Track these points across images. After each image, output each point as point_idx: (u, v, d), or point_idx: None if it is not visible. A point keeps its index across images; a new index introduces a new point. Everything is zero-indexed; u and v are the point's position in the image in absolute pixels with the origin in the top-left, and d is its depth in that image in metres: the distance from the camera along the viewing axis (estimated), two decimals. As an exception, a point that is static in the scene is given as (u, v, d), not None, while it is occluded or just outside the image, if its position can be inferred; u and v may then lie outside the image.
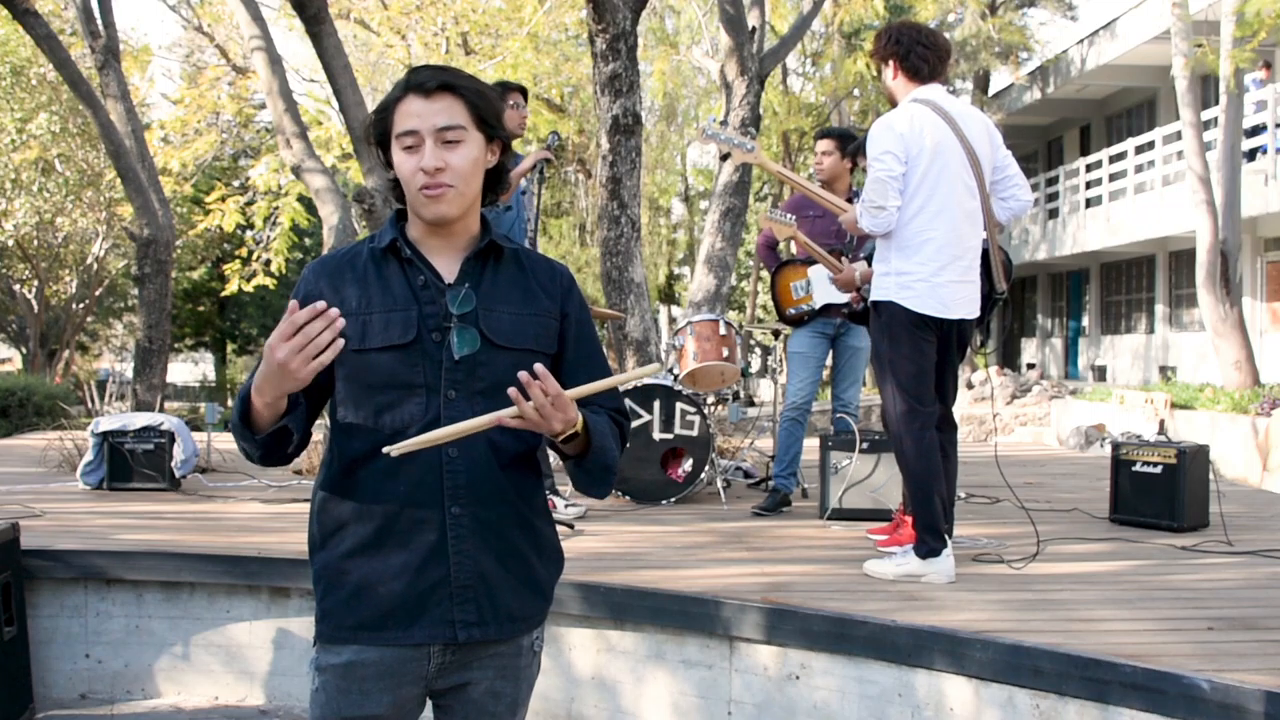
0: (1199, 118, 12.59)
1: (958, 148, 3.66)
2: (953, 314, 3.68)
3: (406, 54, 15.36)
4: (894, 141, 3.62)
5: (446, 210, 1.70)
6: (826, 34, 19.82)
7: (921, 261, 3.64)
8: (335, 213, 9.60)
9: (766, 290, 24.63)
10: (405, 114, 1.69)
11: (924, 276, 3.64)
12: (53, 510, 5.10)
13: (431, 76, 1.70)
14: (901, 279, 3.67)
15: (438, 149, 1.67)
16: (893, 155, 3.61)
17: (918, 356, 3.70)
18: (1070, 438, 11.44)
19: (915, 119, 3.65)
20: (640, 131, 7.58)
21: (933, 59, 3.73)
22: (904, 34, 3.76)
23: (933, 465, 3.73)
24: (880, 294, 3.74)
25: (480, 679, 1.77)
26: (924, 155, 3.62)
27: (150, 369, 11.00)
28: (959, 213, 3.67)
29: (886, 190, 3.61)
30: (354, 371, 1.70)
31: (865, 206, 3.67)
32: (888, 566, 3.82)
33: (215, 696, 4.15)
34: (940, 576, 3.73)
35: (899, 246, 3.69)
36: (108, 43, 11.03)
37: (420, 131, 1.68)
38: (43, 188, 17.78)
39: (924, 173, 3.62)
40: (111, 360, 29.51)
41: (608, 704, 3.71)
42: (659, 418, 5.44)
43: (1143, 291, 20.36)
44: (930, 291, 3.64)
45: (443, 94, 1.69)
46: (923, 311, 3.64)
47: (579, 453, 1.71)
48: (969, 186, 3.70)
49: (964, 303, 3.72)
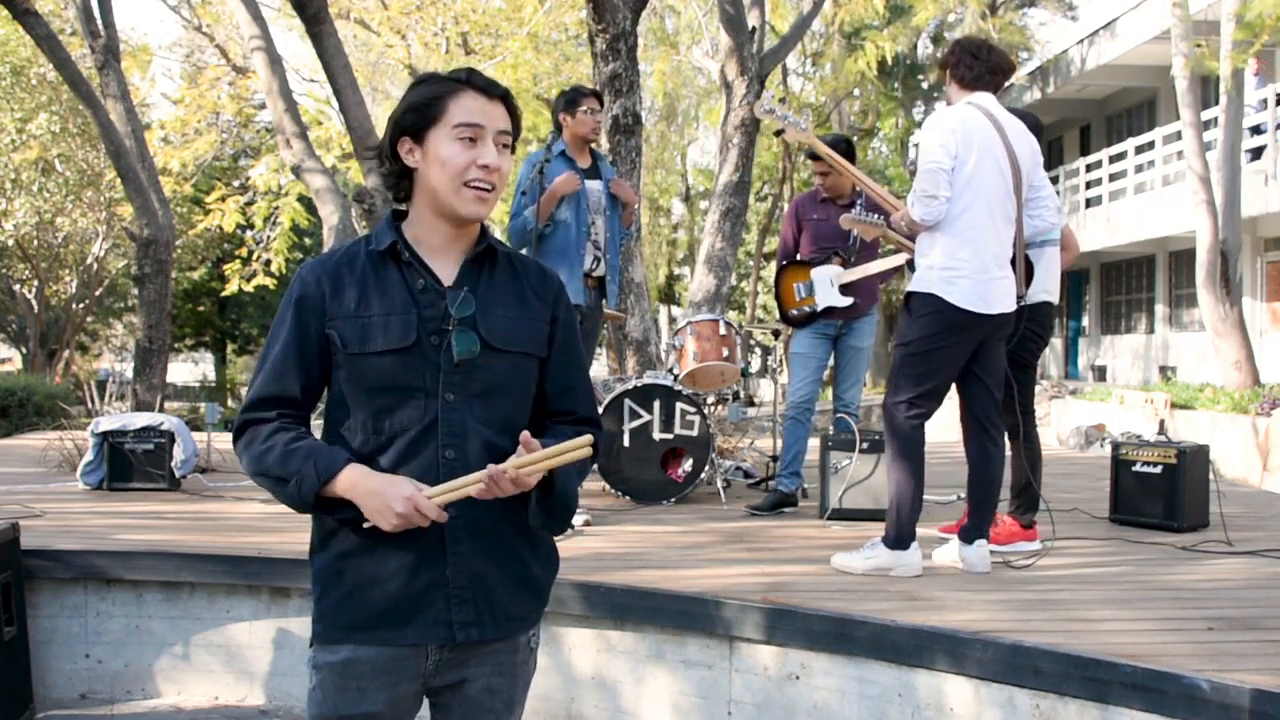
0: (1199, 118, 12.59)
1: (1003, 153, 3.75)
2: (994, 309, 3.73)
3: (406, 54, 15.36)
4: (946, 135, 3.70)
5: (485, 212, 1.72)
6: (826, 34, 19.84)
7: (966, 258, 3.69)
8: (335, 213, 9.61)
9: (767, 290, 24.65)
10: (467, 108, 1.70)
11: (968, 273, 3.69)
12: (53, 510, 5.10)
13: (494, 83, 1.74)
14: (945, 273, 3.71)
15: (496, 150, 1.70)
16: (943, 148, 3.68)
17: (935, 354, 3.74)
18: (1070, 438, 11.45)
19: (966, 118, 3.74)
20: (640, 131, 7.59)
21: (979, 68, 3.86)
22: (957, 46, 3.95)
23: (917, 457, 3.80)
24: (921, 285, 3.77)
25: (477, 676, 1.78)
26: (972, 153, 3.69)
27: (150, 369, 11.00)
28: (1000, 213, 3.74)
29: (938, 180, 3.68)
30: (353, 374, 1.71)
31: (917, 196, 3.73)
32: (856, 560, 3.87)
33: (215, 696, 4.15)
34: (908, 570, 3.77)
35: (944, 240, 3.74)
36: (108, 43, 11.03)
37: (485, 128, 1.69)
38: (43, 188, 17.77)
39: (972, 170, 3.69)
40: (111, 360, 29.50)
41: (608, 704, 3.71)
42: (659, 418, 5.43)
43: (1143, 291, 20.36)
44: (974, 288, 3.68)
45: (502, 103, 1.73)
46: (965, 306, 3.68)
47: (544, 491, 1.73)
48: (1009, 192, 3.78)
49: (1005, 298, 3.78)
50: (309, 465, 1.64)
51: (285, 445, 1.66)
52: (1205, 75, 12.91)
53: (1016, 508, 4.41)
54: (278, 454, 1.66)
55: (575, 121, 4.77)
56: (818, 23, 17.61)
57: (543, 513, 1.76)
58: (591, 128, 4.80)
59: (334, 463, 1.64)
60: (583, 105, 4.75)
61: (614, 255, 4.93)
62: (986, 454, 3.89)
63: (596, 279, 4.87)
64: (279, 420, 1.71)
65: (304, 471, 1.64)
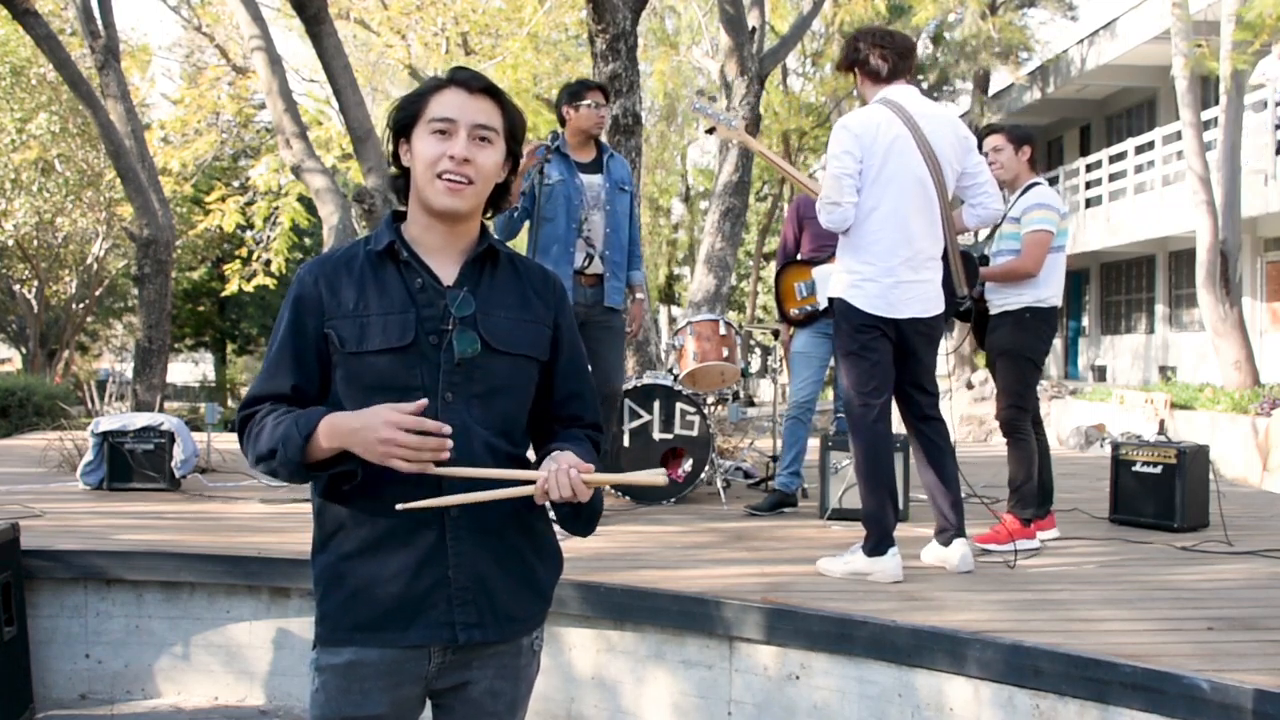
0: (1199, 118, 12.59)
1: (914, 149, 3.69)
2: (901, 314, 3.72)
3: (406, 54, 15.36)
4: (849, 140, 3.68)
5: (460, 205, 1.71)
6: (826, 34, 19.82)
7: (870, 261, 3.69)
8: (335, 213, 9.61)
9: (767, 290, 24.65)
10: (444, 103, 1.71)
11: (872, 276, 3.69)
12: (53, 510, 5.10)
13: (476, 77, 1.74)
14: (852, 277, 3.74)
15: (470, 143, 1.69)
16: (848, 154, 3.67)
17: (866, 353, 3.74)
18: (1070, 438, 11.45)
19: (871, 119, 3.70)
20: (640, 131, 7.58)
21: (891, 57, 3.78)
22: (859, 40, 3.85)
23: (882, 461, 3.79)
24: (834, 290, 3.82)
25: (480, 678, 1.77)
26: (877, 155, 3.66)
27: (150, 369, 11.00)
28: (913, 213, 3.70)
29: (842, 187, 3.67)
30: (351, 373, 1.71)
31: (821, 203, 3.74)
32: (836, 565, 3.86)
33: (215, 696, 4.15)
34: (885, 575, 3.75)
35: (852, 245, 3.76)
36: (108, 43, 11.03)
37: (458, 121, 1.70)
38: (43, 188, 17.78)
39: (877, 172, 3.67)
40: (111, 360, 29.49)
41: (608, 704, 3.71)
42: (659, 418, 5.44)
43: (1143, 291, 20.35)
44: (879, 292, 3.69)
45: (485, 96, 1.73)
46: (870, 311, 3.70)
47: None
48: (925, 188, 3.72)
49: (915, 302, 3.74)
50: (292, 428, 1.64)
51: (273, 422, 1.67)
52: (1205, 75, 12.91)
53: (1015, 504, 4.41)
54: (267, 432, 1.66)
55: (578, 115, 4.69)
56: (818, 23, 17.61)
57: (571, 514, 1.75)
58: (595, 122, 4.70)
59: (312, 417, 1.64)
60: (586, 98, 4.67)
61: (615, 252, 4.79)
62: (931, 457, 3.87)
63: (592, 277, 4.74)
64: (269, 406, 1.71)
65: (288, 434, 1.64)
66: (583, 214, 4.69)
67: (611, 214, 4.77)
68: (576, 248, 4.67)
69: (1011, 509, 4.42)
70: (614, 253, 4.79)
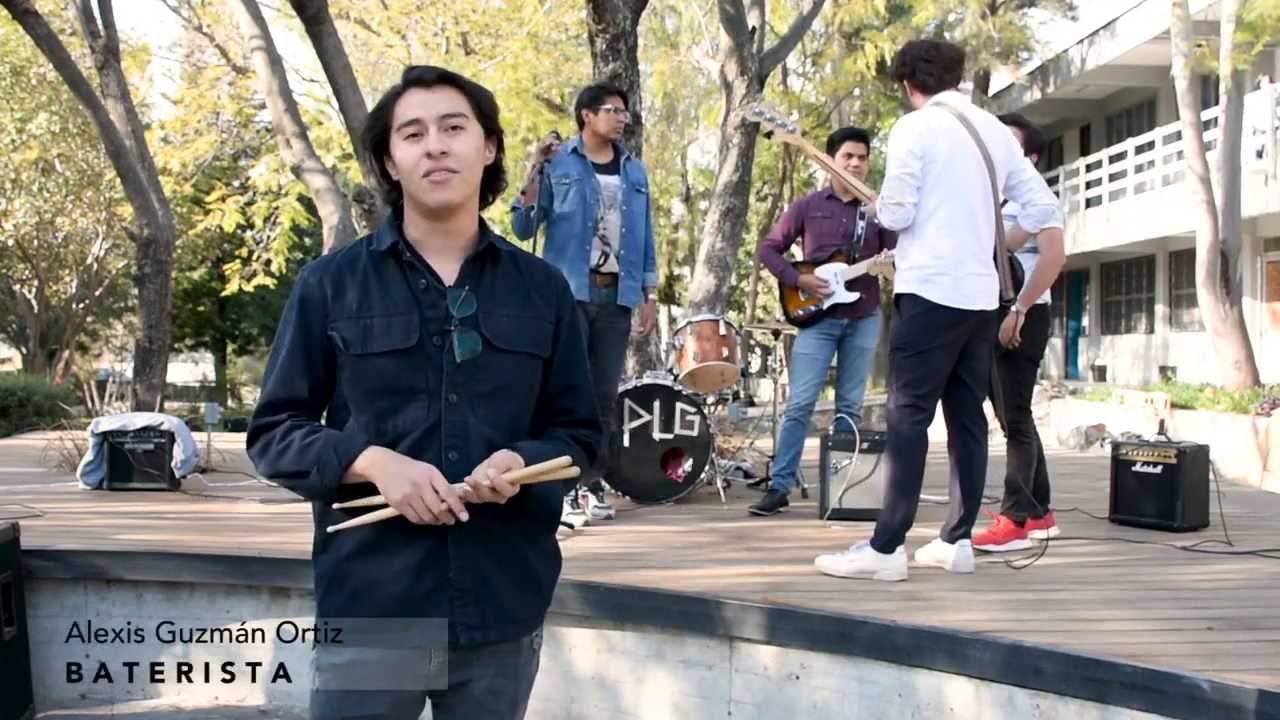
0: (1199, 118, 12.58)
1: (974, 150, 3.74)
2: (974, 305, 3.73)
3: (406, 54, 15.35)
4: (913, 140, 3.71)
5: (451, 196, 1.70)
6: (826, 34, 19.80)
7: (942, 254, 3.70)
8: (335, 213, 9.61)
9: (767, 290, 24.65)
10: (407, 106, 1.71)
11: (944, 269, 3.70)
12: (53, 510, 5.10)
13: (428, 70, 1.74)
14: (923, 271, 3.73)
15: (442, 135, 1.69)
16: (910, 153, 3.70)
17: (929, 353, 3.74)
18: (1070, 438, 11.44)
19: (933, 119, 3.75)
20: (640, 131, 7.59)
21: (937, 70, 3.85)
22: (908, 54, 3.92)
23: (917, 467, 3.79)
24: (903, 287, 3.80)
25: (480, 677, 1.77)
26: (941, 152, 3.70)
27: (150, 369, 11.00)
28: (975, 211, 3.74)
29: (904, 187, 3.70)
30: (355, 375, 1.71)
31: (884, 203, 3.76)
32: (840, 562, 3.86)
33: (215, 696, 4.15)
34: (892, 574, 3.76)
35: (919, 241, 3.75)
36: (108, 43, 11.03)
37: (424, 119, 1.69)
38: (43, 188, 17.77)
39: (942, 168, 3.70)
40: (111, 360, 29.50)
41: (608, 704, 3.71)
42: (659, 418, 5.43)
43: (1143, 291, 20.35)
44: (953, 284, 3.70)
45: (443, 86, 1.73)
46: (946, 303, 3.69)
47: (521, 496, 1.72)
48: (984, 188, 3.77)
49: (984, 295, 3.77)
50: (329, 452, 1.64)
51: (301, 440, 1.67)
52: (1205, 75, 12.90)
53: (1011, 506, 4.41)
54: (295, 450, 1.66)
55: (597, 119, 4.79)
56: (818, 23, 17.59)
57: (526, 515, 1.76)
58: (613, 126, 4.81)
59: (354, 446, 1.65)
60: (606, 103, 4.77)
61: (631, 251, 4.85)
62: (970, 455, 3.90)
63: (606, 275, 4.81)
64: (290, 420, 1.71)
65: (325, 459, 1.64)
66: (599, 213, 4.77)
67: (628, 214, 4.85)
68: (592, 246, 4.74)
69: (1006, 510, 4.42)
70: (630, 252, 4.87)
